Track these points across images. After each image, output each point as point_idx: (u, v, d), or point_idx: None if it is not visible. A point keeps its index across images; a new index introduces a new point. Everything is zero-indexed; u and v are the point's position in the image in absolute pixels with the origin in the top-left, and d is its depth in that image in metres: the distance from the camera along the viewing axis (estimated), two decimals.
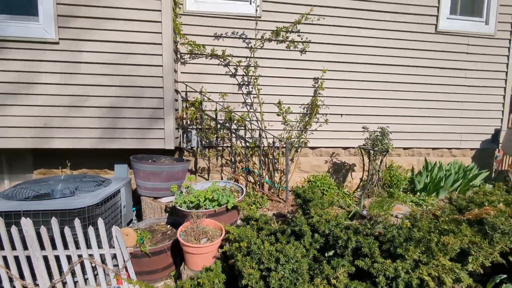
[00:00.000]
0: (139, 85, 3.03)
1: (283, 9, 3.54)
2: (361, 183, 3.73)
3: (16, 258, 2.04)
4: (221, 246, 2.09)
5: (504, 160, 4.66)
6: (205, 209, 2.24)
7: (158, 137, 3.13)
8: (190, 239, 1.95)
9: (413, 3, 3.76)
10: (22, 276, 2.07)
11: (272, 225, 2.46)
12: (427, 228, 1.79)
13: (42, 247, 2.05)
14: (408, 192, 3.73)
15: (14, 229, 1.98)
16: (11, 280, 2.07)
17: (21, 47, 2.84)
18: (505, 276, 1.86)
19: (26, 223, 1.95)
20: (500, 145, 4.01)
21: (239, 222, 2.58)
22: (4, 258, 2.04)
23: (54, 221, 1.98)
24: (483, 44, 3.92)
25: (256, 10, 3.42)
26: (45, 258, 2.06)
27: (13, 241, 2.00)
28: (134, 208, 3.17)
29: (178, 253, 2.27)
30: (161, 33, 3.01)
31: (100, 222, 2.02)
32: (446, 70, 3.91)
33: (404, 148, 4.03)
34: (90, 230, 2.01)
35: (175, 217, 2.71)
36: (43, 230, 1.97)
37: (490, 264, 1.78)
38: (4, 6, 2.92)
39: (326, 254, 1.85)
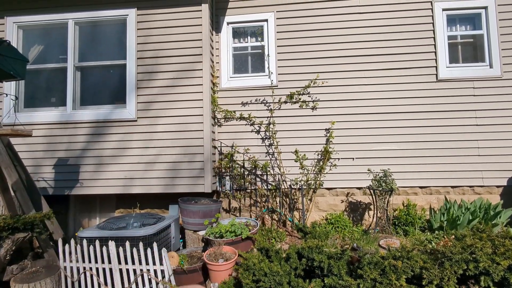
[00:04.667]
0: (187, 145, 4.14)
1: (294, 78, 4.47)
2: (376, 221, 4.00)
3: (103, 270, 3.04)
4: (236, 270, 2.76)
5: None
6: (226, 238, 2.99)
7: (200, 183, 4.10)
8: (212, 259, 2.70)
9: (412, 59, 4.30)
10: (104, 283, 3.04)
11: (283, 255, 3.06)
12: (392, 255, 2.21)
13: (119, 262, 3.02)
14: (426, 231, 3.84)
15: (104, 249, 3.02)
16: (99, 285, 3.06)
17: (115, 125, 4.28)
18: None
19: (111, 245, 2.98)
20: None
21: (255, 251, 3.22)
22: (97, 269, 3.06)
23: (127, 244, 2.97)
24: (491, 85, 4.12)
25: (272, 82, 4.41)
26: (120, 270, 3.01)
27: (103, 257, 3.03)
28: (181, 240, 4.07)
29: (207, 274, 3.00)
30: (202, 107, 4.17)
31: (154, 245, 2.93)
32: (454, 113, 4.16)
33: (421, 187, 4.21)
34: (149, 251, 2.93)
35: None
36: (121, 250, 2.97)
37: None
38: (105, 99, 4.52)
39: (310, 275, 2.38)
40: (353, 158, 4.29)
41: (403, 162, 4.20)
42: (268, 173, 4.38)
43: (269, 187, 4.32)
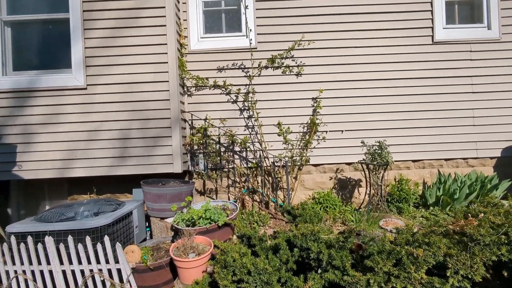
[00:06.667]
0: (150, 117, 3.44)
1: (276, 39, 3.84)
2: (368, 199, 3.66)
3: (41, 272, 2.40)
4: (212, 265, 2.24)
5: None
6: (199, 226, 2.44)
7: (169, 162, 3.46)
8: (181, 254, 2.15)
9: (406, 18, 3.82)
10: None
11: (268, 242, 2.57)
12: (405, 240, 1.79)
13: (61, 262, 2.38)
14: (420, 207, 3.57)
15: (40, 247, 2.35)
16: None
17: (57, 95, 3.44)
18: None
19: (49, 241, 2.32)
20: None
21: (234, 238, 2.72)
22: (32, 272, 2.40)
23: (70, 239, 2.32)
24: (488, 49, 3.80)
25: (250, 42, 3.76)
26: (63, 272, 2.39)
27: (39, 258, 2.37)
28: (148, 229, 3.47)
29: (176, 270, 2.46)
30: (167, 71, 3.45)
31: (106, 240, 2.31)
32: (449, 79, 3.82)
33: (413, 161, 3.90)
34: (98, 246, 2.31)
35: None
36: (61, 246, 2.32)
37: (480, 279, 1.70)
38: (46, 63, 3.63)
39: (305, 267, 1.92)
40: (342, 131, 3.85)
41: (395, 134, 3.83)
42: (248, 149, 3.82)
43: (249, 165, 3.79)
